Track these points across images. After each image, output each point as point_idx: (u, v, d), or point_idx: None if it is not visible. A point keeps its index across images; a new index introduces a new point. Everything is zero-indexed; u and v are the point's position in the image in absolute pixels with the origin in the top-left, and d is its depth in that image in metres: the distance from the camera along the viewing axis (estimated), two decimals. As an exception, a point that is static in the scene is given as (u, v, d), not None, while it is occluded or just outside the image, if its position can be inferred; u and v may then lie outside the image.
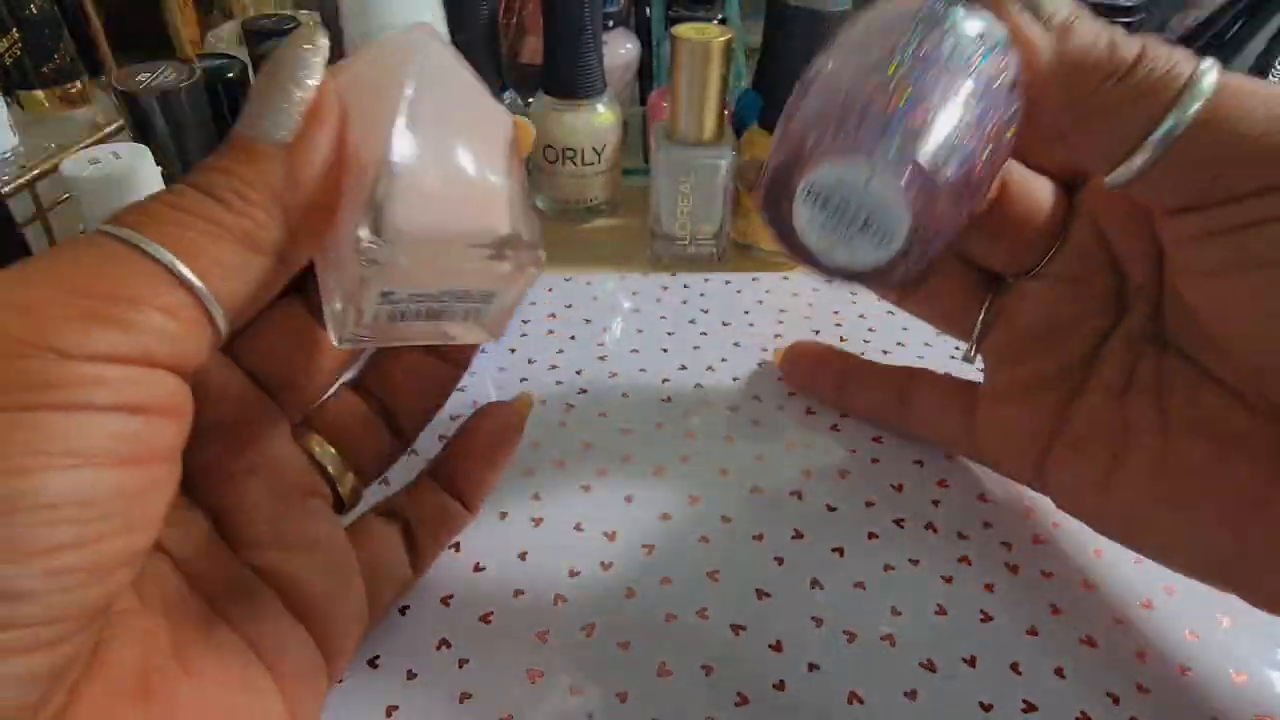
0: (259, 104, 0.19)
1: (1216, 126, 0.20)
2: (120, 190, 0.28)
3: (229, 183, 0.18)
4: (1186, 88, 0.20)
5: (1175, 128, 0.20)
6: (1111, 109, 0.21)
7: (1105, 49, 0.21)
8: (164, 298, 0.16)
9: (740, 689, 0.25)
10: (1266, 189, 0.20)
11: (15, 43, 0.43)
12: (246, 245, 0.18)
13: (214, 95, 0.36)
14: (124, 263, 0.16)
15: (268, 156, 0.18)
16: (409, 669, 0.26)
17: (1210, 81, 0.20)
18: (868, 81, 0.21)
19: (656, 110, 0.49)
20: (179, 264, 0.17)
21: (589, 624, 0.27)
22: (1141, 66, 0.21)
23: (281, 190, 0.19)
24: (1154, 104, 0.20)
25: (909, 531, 0.31)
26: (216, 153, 0.19)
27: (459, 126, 0.20)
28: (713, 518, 0.31)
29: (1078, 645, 0.27)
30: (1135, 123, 0.21)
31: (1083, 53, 0.22)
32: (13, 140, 0.41)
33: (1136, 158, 0.21)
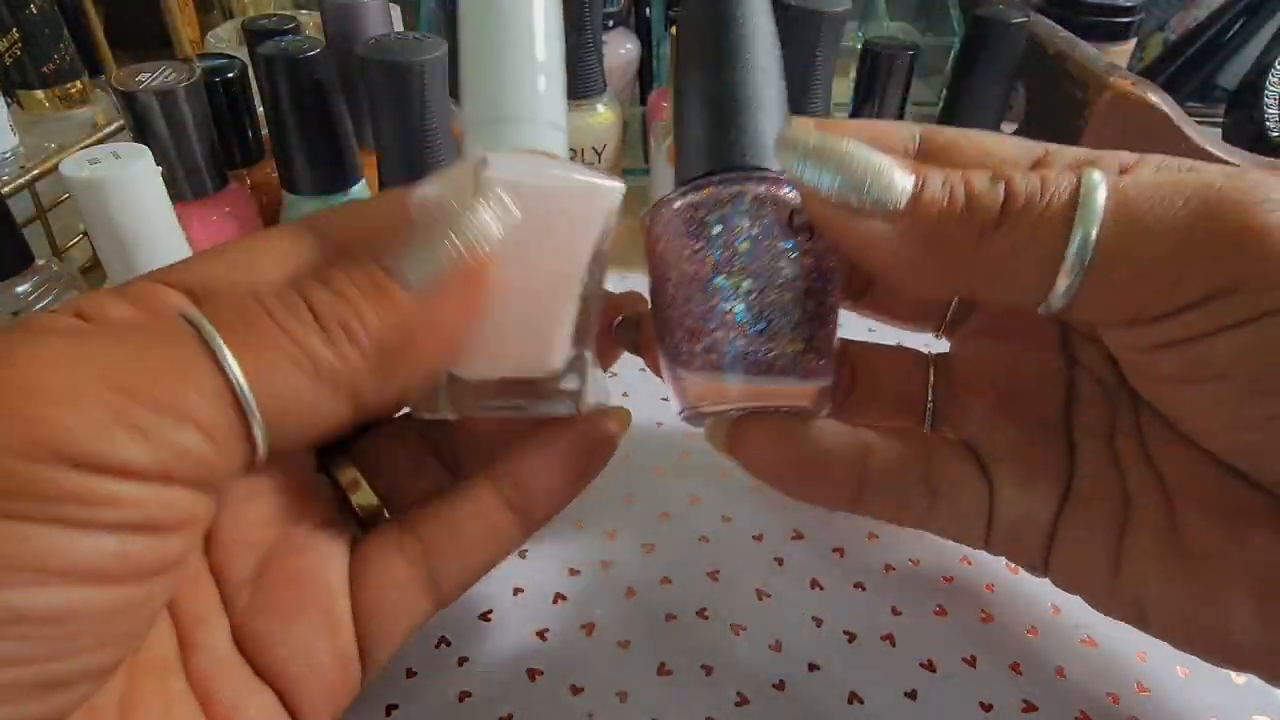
0: (417, 238, 0.18)
1: (1128, 241, 0.18)
2: (120, 190, 0.28)
3: (341, 312, 0.17)
4: (1079, 214, 0.18)
5: (1085, 252, 0.18)
6: (1007, 256, 0.19)
7: (962, 208, 0.19)
8: (212, 416, 0.15)
9: (740, 689, 0.25)
10: (1206, 298, 0.18)
11: (15, 43, 0.43)
12: (328, 385, 0.17)
13: (214, 95, 0.36)
14: (190, 363, 0.15)
15: (394, 302, 0.17)
16: (408, 667, 0.26)
17: (1099, 199, 0.18)
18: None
19: (656, 110, 0.49)
20: (246, 389, 0.15)
21: (589, 623, 0.27)
22: (1015, 209, 0.19)
23: (392, 341, 0.17)
24: (1049, 240, 0.18)
25: (909, 532, 0.30)
26: (347, 263, 0.17)
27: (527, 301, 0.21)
28: (713, 518, 0.31)
29: (1078, 645, 0.27)
30: (1038, 263, 0.19)
31: (938, 224, 0.19)
32: (13, 140, 0.42)
33: (1059, 286, 0.19)
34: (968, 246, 0.19)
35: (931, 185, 0.19)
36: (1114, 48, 0.52)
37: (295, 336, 0.16)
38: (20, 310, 0.33)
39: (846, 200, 0.19)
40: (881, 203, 0.19)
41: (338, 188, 0.38)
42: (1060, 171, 0.19)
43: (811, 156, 0.19)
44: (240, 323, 0.16)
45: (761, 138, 0.22)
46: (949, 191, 0.19)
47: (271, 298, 0.17)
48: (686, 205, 0.22)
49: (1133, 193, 0.18)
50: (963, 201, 0.19)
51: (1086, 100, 0.42)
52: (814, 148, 0.19)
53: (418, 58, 0.31)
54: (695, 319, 0.22)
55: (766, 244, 0.21)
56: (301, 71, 0.34)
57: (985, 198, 0.19)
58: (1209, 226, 0.18)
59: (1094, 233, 0.18)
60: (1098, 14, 0.52)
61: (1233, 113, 0.54)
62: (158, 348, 0.15)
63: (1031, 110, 0.49)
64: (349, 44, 0.36)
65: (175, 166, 0.34)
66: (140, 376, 0.14)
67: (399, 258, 0.17)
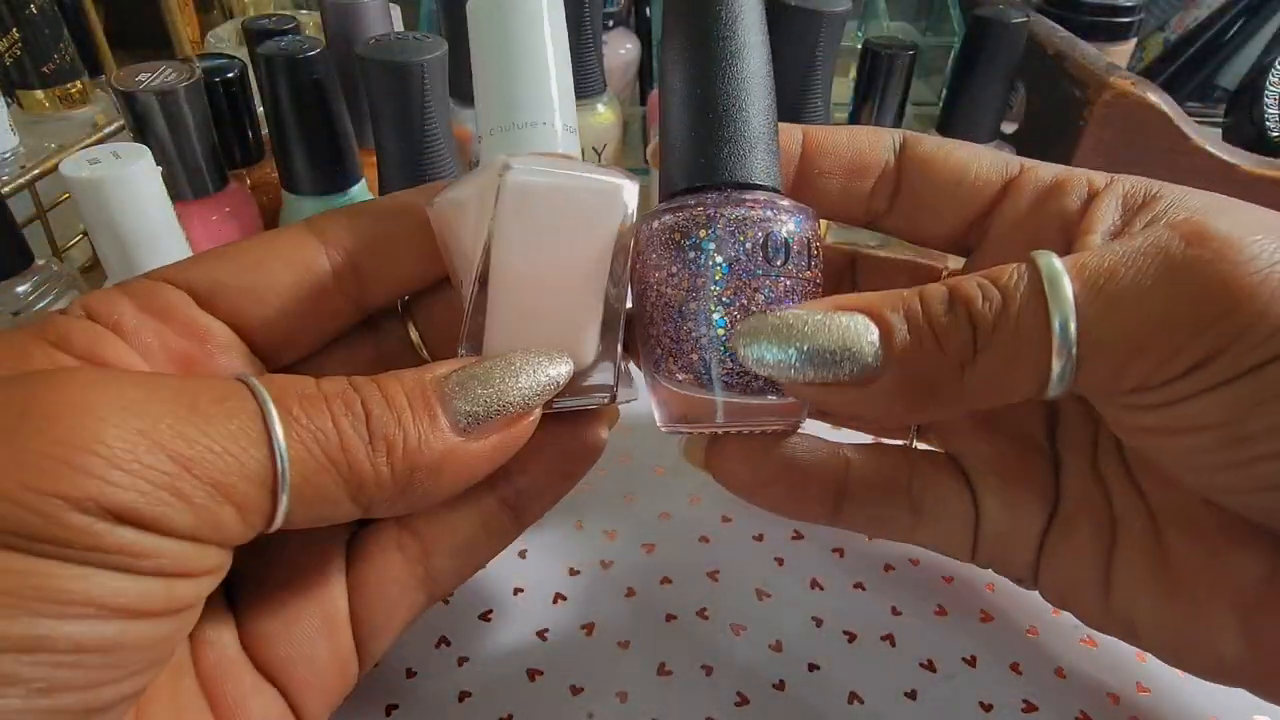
0: (476, 380, 0.19)
1: (1108, 327, 0.18)
2: (120, 190, 0.28)
3: (390, 429, 0.18)
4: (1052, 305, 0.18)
5: (1069, 344, 0.18)
6: (993, 377, 0.19)
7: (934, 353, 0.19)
8: (249, 496, 0.16)
9: (740, 689, 0.25)
10: (1193, 367, 0.18)
11: (15, 43, 0.43)
12: (351, 494, 0.18)
13: (214, 95, 0.36)
14: (243, 444, 0.16)
15: (439, 433, 0.18)
16: (409, 667, 0.26)
17: (1066, 289, 0.18)
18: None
19: (656, 110, 0.49)
20: (288, 480, 0.16)
21: (589, 623, 0.27)
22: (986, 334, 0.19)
23: (423, 470, 0.18)
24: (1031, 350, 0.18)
25: (909, 531, 0.31)
26: (407, 377, 0.18)
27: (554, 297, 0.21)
28: (713, 518, 0.31)
29: (1078, 645, 0.27)
30: (1025, 373, 0.19)
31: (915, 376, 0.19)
32: (13, 140, 0.41)
33: (1053, 383, 0.19)
34: (951, 383, 0.19)
35: (899, 335, 0.19)
36: (1114, 48, 0.52)
37: (347, 442, 0.17)
38: (20, 310, 0.33)
39: (821, 379, 0.19)
40: (854, 374, 0.19)
41: (338, 188, 0.38)
42: (1012, 269, 0.19)
43: (773, 341, 0.20)
44: (303, 413, 0.17)
45: (745, 153, 0.22)
46: (918, 339, 0.19)
47: (334, 395, 0.17)
48: (663, 227, 0.21)
49: (1096, 277, 0.18)
50: (934, 344, 0.19)
51: (1086, 100, 0.42)
52: (773, 331, 0.20)
53: (418, 58, 0.31)
54: (673, 339, 0.21)
55: (744, 267, 0.21)
56: (301, 71, 0.34)
57: (954, 335, 0.19)
58: (1189, 297, 0.18)
59: (1071, 324, 0.18)
60: (1098, 14, 0.52)
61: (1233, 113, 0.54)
62: (220, 422, 0.16)
63: (1031, 110, 0.49)
64: (349, 44, 0.36)
65: (175, 166, 0.34)
66: (198, 448, 0.15)
67: (455, 391, 0.18)
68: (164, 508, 0.15)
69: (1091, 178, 0.23)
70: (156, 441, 0.15)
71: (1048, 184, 0.23)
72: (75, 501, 0.14)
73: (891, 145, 0.25)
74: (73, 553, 0.14)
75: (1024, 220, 0.23)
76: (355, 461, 0.17)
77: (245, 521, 0.16)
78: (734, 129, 0.22)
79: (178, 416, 0.16)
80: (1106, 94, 0.41)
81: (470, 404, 0.18)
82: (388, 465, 0.18)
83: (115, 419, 0.15)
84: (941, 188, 0.24)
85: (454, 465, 0.19)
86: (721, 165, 0.22)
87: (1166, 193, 0.21)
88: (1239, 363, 0.17)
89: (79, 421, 0.15)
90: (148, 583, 0.15)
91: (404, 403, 0.18)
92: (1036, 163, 0.24)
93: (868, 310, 0.20)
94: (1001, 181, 0.24)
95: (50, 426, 0.14)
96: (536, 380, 0.19)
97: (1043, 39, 0.46)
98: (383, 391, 0.18)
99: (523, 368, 0.19)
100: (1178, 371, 0.18)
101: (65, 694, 0.15)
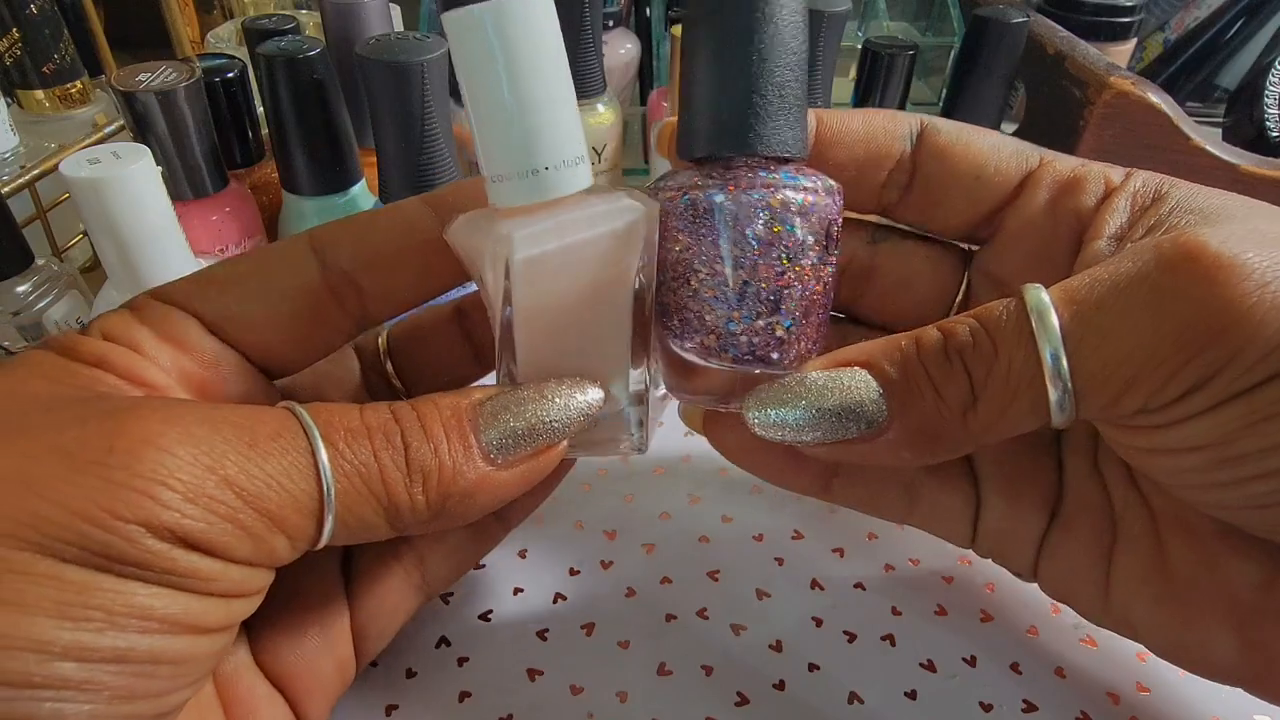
0: (509, 411, 0.19)
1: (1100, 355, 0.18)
2: (120, 190, 0.28)
3: (426, 461, 0.18)
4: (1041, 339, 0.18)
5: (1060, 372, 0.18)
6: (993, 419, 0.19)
7: (934, 404, 0.19)
8: (298, 525, 0.17)
9: (740, 689, 0.25)
10: (1183, 395, 0.18)
11: (15, 43, 0.43)
12: (389, 520, 0.19)
13: (214, 95, 0.36)
14: (295, 478, 0.17)
15: (473, 466, 0.19)
16: (409, 667, 0.26)
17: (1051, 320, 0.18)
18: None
19: (656, 110, 0.49)
20: (333, 510, 0.18)
21: (589, 623, 0.27)
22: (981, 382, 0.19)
23: (455, 498, 0.19)
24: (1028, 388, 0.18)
25: (909, 532, 0.31)
26: (442, 412, 0.19)
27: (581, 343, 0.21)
28: (713, 518, 0.31)
29: (1078, 645, 0.27)
30: (1026, 411, 0.19)
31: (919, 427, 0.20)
32: (13, 140, 0.41)
33: (1055, 415, 0.19)
34: (956, 429, 0.19)
35: (900, 390, 0.20)
36: (1114, 48, 0.52)
37: (387, 476, 0.18)
38: (20, 310, 0.33)
39: (830, 439, 0.20)
40: (861, 431, 0.20)
41: (338, 188, 0.38)
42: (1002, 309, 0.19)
43: (780, 407, 0.20)
44: (349, 448, 0.18)
45: (775, 122, 0.21)
46: (918, 393, 0.19)
47: (378, 429, 0.18)
48: (682, 195, 0.21)
49: (1085, 309, 0.18)
50: (934, 396, 0.19)
51: (1086, 100, 0.42)
52: (780, 397, 0.20)
53: (418, 58, 0.31)
54: (684, 308, 0.21)
55: (762, 241, 0.20)
56: (301, 71, 0.34)
57: (952, 385, 0.19)
58: (1177, 325, 0.17)
59: (1063, 358, 0.18)
60: (1098, 14, 0.52)
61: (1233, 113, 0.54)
62: (275, 457, 0.17)
63: (1031, 110, 0.49)
64: (349, 44, 0.36)
65: (175, 166, 0.34)
66: (257, 482, 0.17)
67: (488, 422, 0.19)
68: (228, 537, 0.16)
69: (1109, 175, 0.22)
70: (222, 477, 0.16)
71: (1065, 179, 0.23)
72: (154, 529, 0.16)
73: (909, 134, 0.24)
74: (151, 574, 0.16)
75: (1040, 217, 0.23)
76: (394, 493, 0.18)
77: (294, 547, 0.18)
78: (765, 95, 0.21)
79: (239, 453, 0.17)
80: (1106, 94, 0.41)
81: (502, 435, 0.19)
82: (423, 495, 0.19)
83: (186, 455, 0.16)
84: (959, 180, 0.24)
85: (485, 492, 0.19)
86: (749, 133, 0.21)
87: (1174, 193, 0.21)
88: (1229, 387, 0.17)
89: (157, 458, 0.16)
90: (211, 602, 0.17)
91: (441, 434, 0.19)
92: (1056, 156, 0.24)
93: (868, 365, 0.20)
94: (1020, 176, 0.24)
95: (132, 461, 0.16)
96: (567, 411, 0.20)
97: (1043, 39, 0.46)
98: (421, 420, 0.19)
99: (554, 398, 0.20)
100: (1170, 398, 0.18)
101: (142, 701, 0.16)
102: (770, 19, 0.21)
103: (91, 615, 0.15)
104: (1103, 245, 0.21)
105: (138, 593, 0.16)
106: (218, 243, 0.37)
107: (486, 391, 0.20)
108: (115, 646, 0.15)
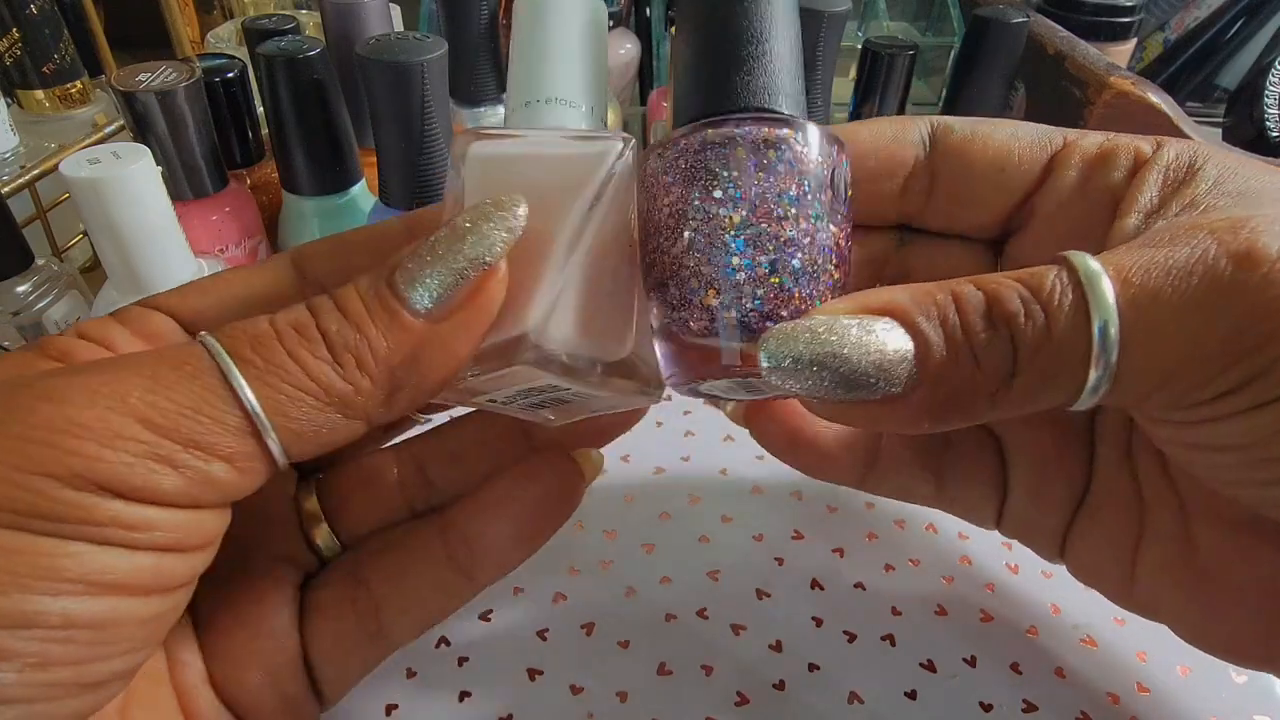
0: (424, 260, 0.18)
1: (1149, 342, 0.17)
2: (120, 190, 0.28)
3: (352, 340, 0.17)
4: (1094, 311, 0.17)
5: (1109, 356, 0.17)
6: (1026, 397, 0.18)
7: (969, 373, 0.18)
8: (236, 446, 0.16)
9: (740, 689, 0.25)
10: (1221, 395, 0.17)
11: (15, 43, 0.43)
12: (340, 410, 0.17)
13: (214, 95, 0.36)
14: (213, 400, 0.16)
15: (405, 329, 0.17)
16: (408, 667, 0.26)
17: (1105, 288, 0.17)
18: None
19: (656, 110, 0.49)
20: (265, 421, 0.16)
21: (589, 623, 0.27)
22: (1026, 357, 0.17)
23: (404, 367, 0.18)
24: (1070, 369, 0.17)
25: (909, 531, 0.31)
26: (359, 282, 0.18)
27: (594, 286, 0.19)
28: (713, 518, 0.31)
29: (1078, 645, 0.27)
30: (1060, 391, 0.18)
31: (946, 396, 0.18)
32: (13, 140, 0.41)
33: (1085, 399, 0.18)
34: (983, 401, 0.18)
35: (936, 352, 0.17)
36: (1114, 48, 0.52)
37: (309, 369, 0.17)
38: (20, 310, 0.33)
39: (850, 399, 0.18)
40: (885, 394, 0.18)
41: (338, 188, 0.38)
42: (1053, 279, 0.17)
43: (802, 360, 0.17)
44: (258, 356, 0.17)
45: (768, 75, 0.20)
46: (955, 359, 0.18)
47: (287, 328, 0.17)
48: (672, 157, 0.19)
49: (1141, 296, 0.17)
50: (972, 365, 0.18)
51: (1086, 100, 0.42)
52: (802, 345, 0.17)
53: (418, 58, 0.31)
54: (680, 267, 0.19)
55: (765, 201, 0.19)
56: (301, 71, 0.34)
57: (993, 356, 0.17)
58: (1230, 327, 0.17)
59: (1112, 330, 0.17)
60: (1098, 14, 0.52)
61: (1233, 113, 0.54)
62: (184, 385, 0.16)
63: (1031, 110, 0.49)
64: (349, 44, 0.36)
65: (175, 166, 0.34)
66: (170, 415, 0.16)
67: (407, 279, 0.18)
68: (149, 474, 0.15)
69: (1139, 146, 0.21)
70: (129, 415, 0.15)
71: (1093, 155, 0.22)
72: (64, 478, 0.15)
73: (921, 139, 0.23)
74: (67, 528, 0.15)
75: (1072, 196, 0.22)
76: (327, 384, 0.17)
77: (242, 471, 0.17)
78: (755, 49, 0.20)
79: (144, 389, 0.16)
80: (1107, 94, 0.41)
81: (424, 286, 0.17)
82: (363, 375, 0.17)
83: (86, 401, 0.15)
84: (983, 176, 0.23)
85: (431, 352, 0.18)
86: (741, 88, 0.20)
87: (1208, 170, 0.20)
88: (1270, 390, 0.17)
89: (54, 409, 0.15)
90: (138, 558, 0.16)
91: (360, 308, 0.18)
92: (1080, 133, 0.23)
93: (901, 316, 0.18)
94: (1045, 159, 0.23)
95: (27, 416, 0.15)
96: (487, 232, 0.18)
97: (1043, 39, 0.46)
98: (338, 304, 0.18)
99: (468, 228, 0.18)
100: (1208, 397, 0.17)
101: (59, 669, 0.15)
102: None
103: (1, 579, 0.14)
104: (1135, 221, 0.20)
105: (48, 551, 0.15)
106: (218, 243, 0.37)
107: (402, 251, 0.18)
108: (22, 610, 0.15)
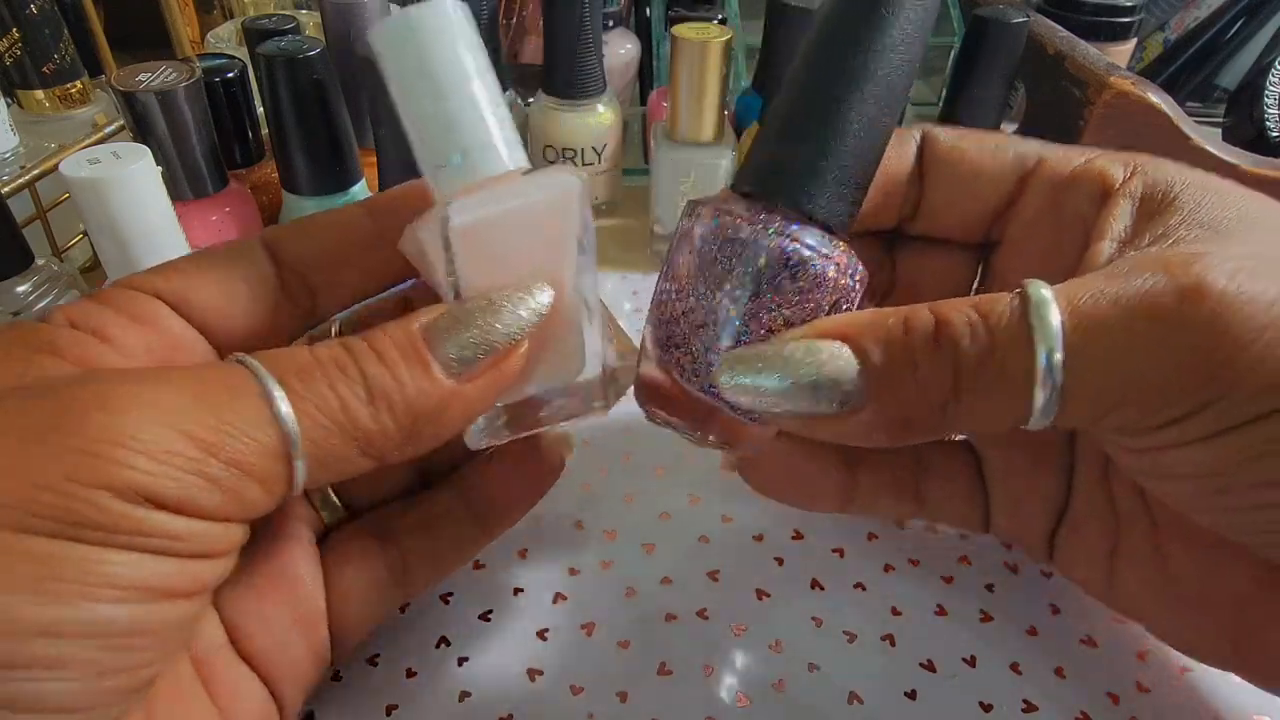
0: (461, 324, 0.19)
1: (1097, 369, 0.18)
2: (120, 190, 0.28)
3: (387, 384, 0.18)
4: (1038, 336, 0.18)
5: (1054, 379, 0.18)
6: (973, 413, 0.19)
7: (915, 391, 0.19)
8: (271, 470, 0.17)
9: (740, 689, 0.25)
10: (1170, 423, 0.18)
11: (15, 43, 0.43)
12: (361, 447, 0.18)
13: (214, 95, 0.36)
14: (257, 425, 0.17)
15: (433, 379, 0.19)
16: (408, 667, 0.26)
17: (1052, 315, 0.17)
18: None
19: (656, 110, 0.49)
20: (300, 447, 0.17)
21: (589, 623, 0.27)
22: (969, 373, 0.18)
23: (425, 418, 0.19)
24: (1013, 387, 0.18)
25: (909, 532, 0.31)
26: (395, 330, 0.19)
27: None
28: (713, 518, 0.31)
29: (1078, 645, 0.27)
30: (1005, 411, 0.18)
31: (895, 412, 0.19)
32: (13, 140, 0.41)
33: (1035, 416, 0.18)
34: (933, 419, 0.19)
35: (879, 372, 0.19)
36: (1114, 48, 0.52)
37: (347, 404, 0.18)
38: (20, 310, 0.33)
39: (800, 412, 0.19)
40: (834, 408, 0.19)
41: (338, 188, 0.38)
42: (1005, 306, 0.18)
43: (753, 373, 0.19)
44: (300, 385, 0.18)
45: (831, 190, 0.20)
46: (899, 378, 0.19)
47: (330, 363, 0.18)
48: (712, 212, 0.21)
49: (1088, 323, 0.17)
50: (914, 385, 0.19)
51: (1086, 100, 0.42)
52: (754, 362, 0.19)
53: (418, 58, 0.31)
54: (674, 323, 0.22)
55: (770, 296, 0.20)
56: (301, 71, 0.34)
57: (935, 376, 0.18)
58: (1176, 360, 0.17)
59: (1057, 356, 0.17)
60: (1098, 14, 0.52)
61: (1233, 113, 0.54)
62: (230, 405, 0.17)
63: (1031, 110, 0.49)
64: (349, 44, 0.36)
65: (175, 166, 0.34)
66: (215, 434, 0.16)
67: (442, 337, 0.19)
68: (195, 490, 0.16)
69: (1107, 173, 0.22)
70: (180, 431, 0.16)
71: (1062, 178, 0.23)
72: (117, 490, 0.15)
73: (913, 151, 0.25)
74: (120, 538, 0.15)
75: (1042, 219, 0.23)
76: (358, 421, 0.18)
77: (269, 493, 0.17)
78: (839, 162, 0.20)
79: (193, 406, 0.16)
80: (1107, 94, 0.41)
81: (458, 348, 0.19)
82: (390, 419, 0.18)
83: (140, 414, 0.16)
84: (961, 184, 0.24)
85: (453, 407, 0.19)
86: (791, 185, 0.21)
87: (1183, 199, 0.20)
88: (1220, 420, 0.17)
89: (110, 420, 0.16)
90: (183, 564, 0.17)
91: (395, 356, 0.19)
92: (1056, 154, 0.24)
93: (851, 340, 0.19)
94: (1015, 177, 0.24)
95: (84, 427, 0.15)
96: (518, 315, 0.19)
97: (1043, 39, 0.46)
98: (374, 348, 0.19)
99: (502, 304, 0.19)
100: (1154, 425, 0.18)
101: (116, 675, 0.16)
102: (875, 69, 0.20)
103: (64, 589, 0.15)
104: (1108, 248, 0.21)
105: (109, 560, 0.15)
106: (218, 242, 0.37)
107: (432, 311, 0.20)
108: (91, 619, 0.15)
